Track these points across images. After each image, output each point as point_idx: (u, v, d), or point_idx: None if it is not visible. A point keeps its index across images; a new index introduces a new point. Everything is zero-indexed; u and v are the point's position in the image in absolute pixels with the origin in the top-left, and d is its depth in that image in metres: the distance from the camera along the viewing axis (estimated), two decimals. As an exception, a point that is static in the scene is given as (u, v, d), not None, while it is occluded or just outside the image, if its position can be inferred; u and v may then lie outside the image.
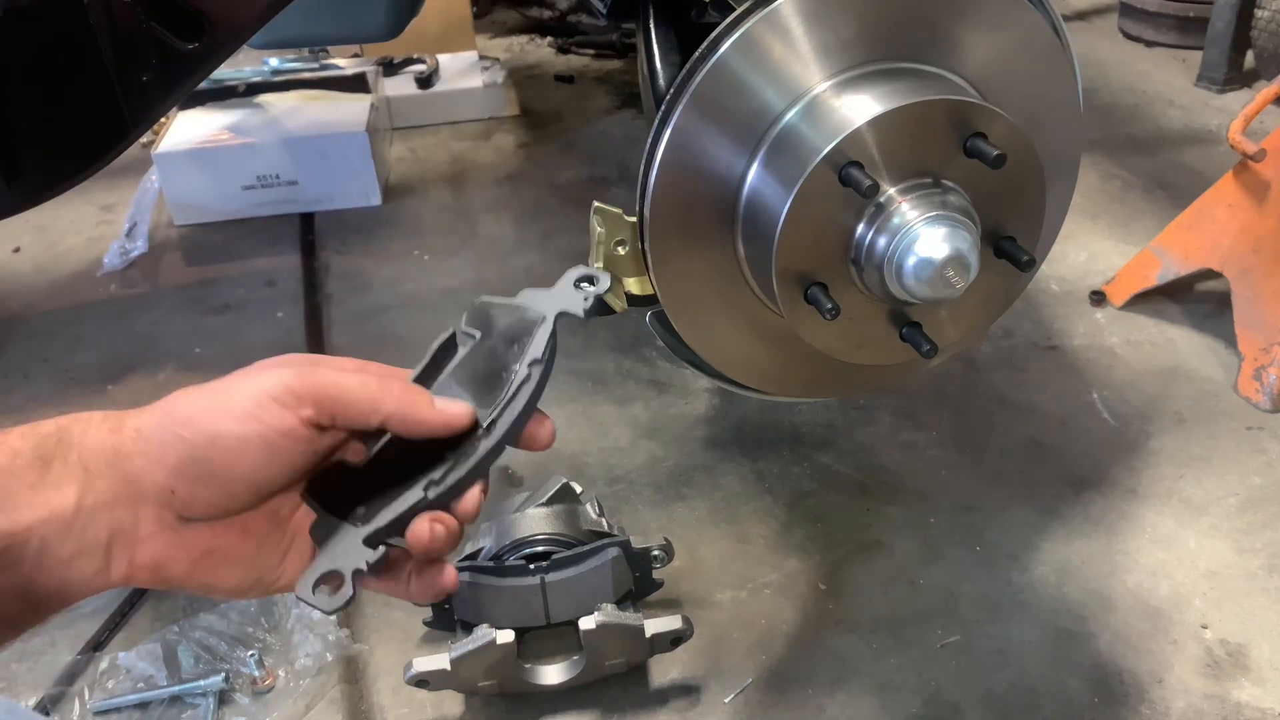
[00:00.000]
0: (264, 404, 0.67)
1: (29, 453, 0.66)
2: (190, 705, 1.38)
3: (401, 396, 0.72)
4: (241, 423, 0.67)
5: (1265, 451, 1.76)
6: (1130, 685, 1.38)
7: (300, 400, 0.68)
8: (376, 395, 0.71)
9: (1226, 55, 3.10)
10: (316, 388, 0.69)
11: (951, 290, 0.94)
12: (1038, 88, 1.08)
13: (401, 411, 0.72)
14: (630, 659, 1.35)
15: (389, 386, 0.72)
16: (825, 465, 1.77)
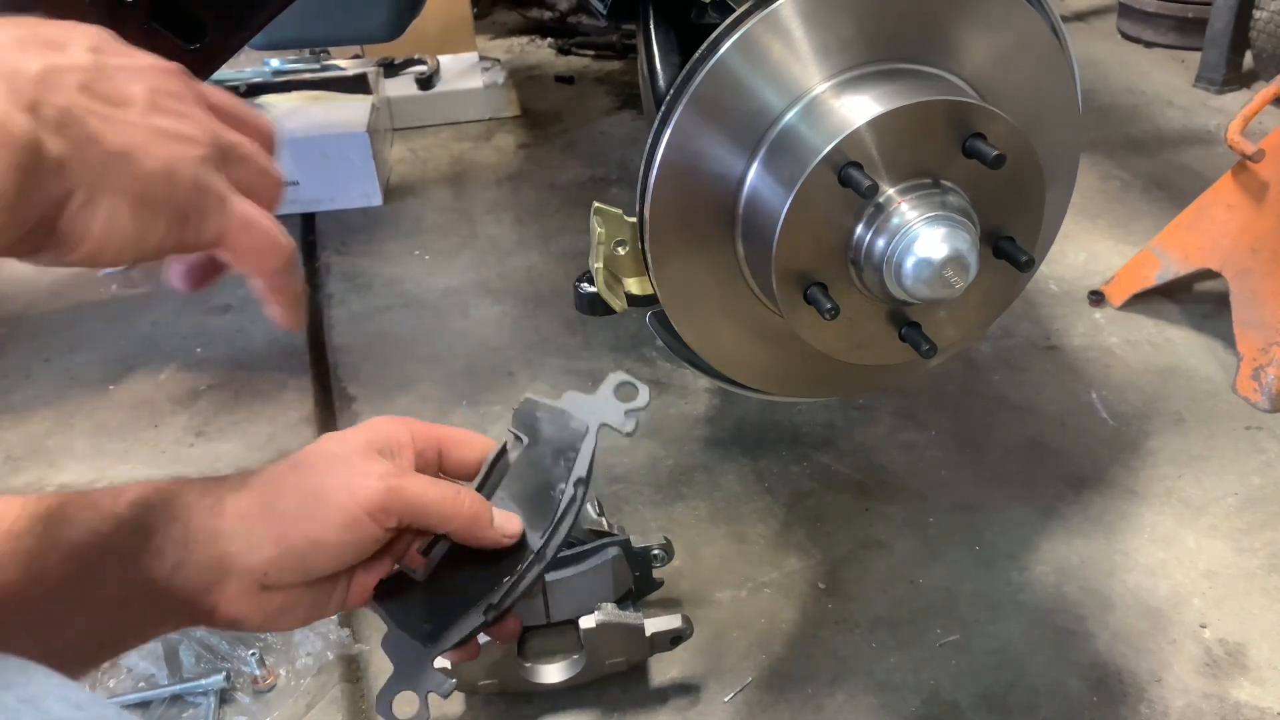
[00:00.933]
0: (360, 519, 0.75)
1: (132, 521, 0.73)
2: (191, 704, 1.38)
3: (469, 514, 0.80)
4: (339, 533, 0.75)
5: (1264, 451, 1.77)
6: (1129, 684, 1.38)
7: (389, 514, 0.77)
8: (450, 512, 0.79)
9: (1225, 56, 3.11)
10: (405, 505, 0.77)
11: (951, 290, 0.94)
12: (1037, 88, 1.08)
13: (467, 527, 0.81)
14: (630, 658, 1.35)
15: (461, 502, 0.80)
16: (825, 465, 1.77)
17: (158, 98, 0.62)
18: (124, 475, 1.77)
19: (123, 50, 0.63)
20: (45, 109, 0.55)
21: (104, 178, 0.57)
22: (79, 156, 0.56)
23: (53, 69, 0.57)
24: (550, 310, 2.21)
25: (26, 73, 0.55)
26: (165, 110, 0.62)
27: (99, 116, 0.58)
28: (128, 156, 0.58)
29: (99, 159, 0.57)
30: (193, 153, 0.62)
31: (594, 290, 1.07)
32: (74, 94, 0.57)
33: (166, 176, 0.60)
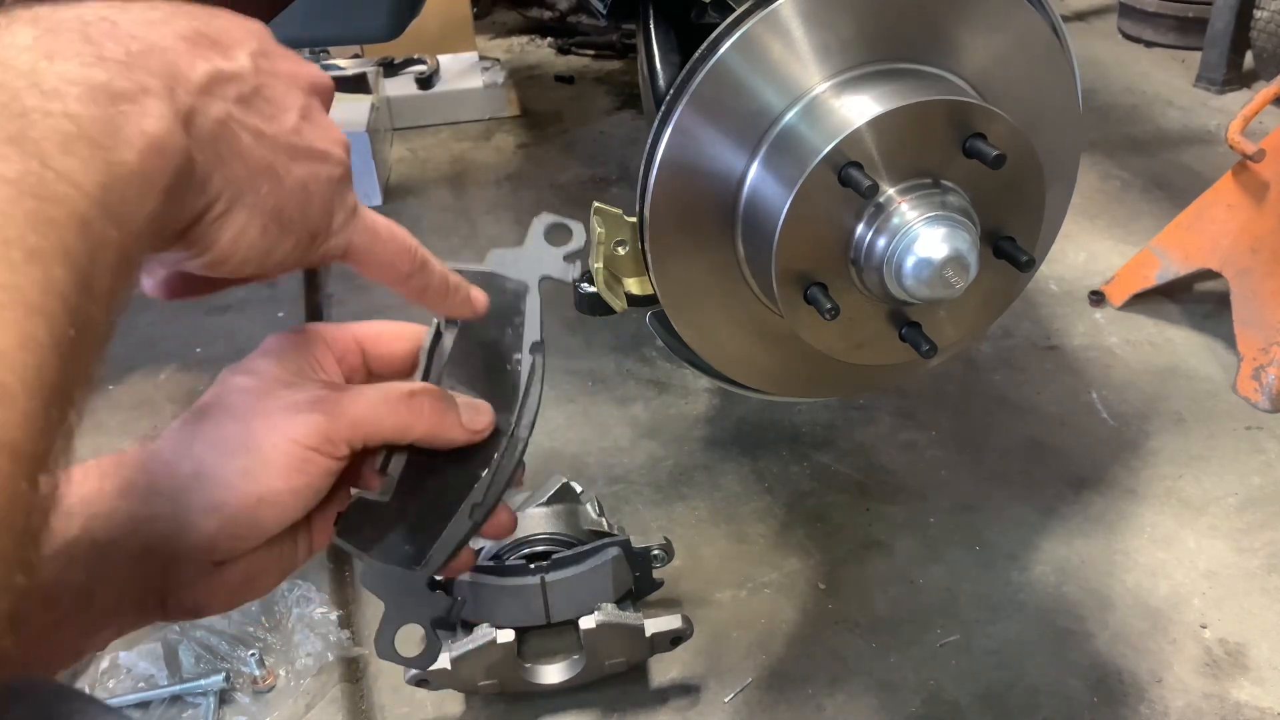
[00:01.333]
0: (304, 457, 0.65)
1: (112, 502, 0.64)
2: (191, 705, 1.38)
3: (431, 416, 0.69)
4: (285, 479, 0.65)
5: (1264, 451, 1.77)
6: (1129, 685, 1.38)
7: (335, 444, 0.66)
8: (407, 421, 0.68)
9: (1225, 56, 3.10)
10: (351, 427, 0.66)
11: (951, 290, 0.94)
12: (1037, 88, 1.08)
13: (432, 433, 0.69)
14: (630, 658, 1.35)
15: (419, 408, 0.69)
16: (825, 465, 1.77)
17: (308, 110, 0.61)
18: (124, 475, 1.76)
19: (282, 55, 0.62)
20: (201, 121, 0.53)
21: (242, 194, 0.56)
22: (224, 173, 0.55)
23: (217, 77, 0.55)
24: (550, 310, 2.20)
25: (191, 79, 0.53)
26: (313, 124, 0.61)
27: (250, 131, 0.56)
28: (270, 174, 0.57)
29: (242, 176, 0.56)
30: (331, 171, 0.61)
31: (594, 290, 1.07)
32: (231, 105, 0.56)
33: (303, 196, 0.59)
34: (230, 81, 0.56)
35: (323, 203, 0.60)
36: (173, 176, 0.51)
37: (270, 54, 0.60)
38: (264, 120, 0.58)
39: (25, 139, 0.44)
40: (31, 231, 0.43)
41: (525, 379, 0.74)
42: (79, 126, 0.46)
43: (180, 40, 0.54)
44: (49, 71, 0.47)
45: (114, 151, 0.48)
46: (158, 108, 0.50)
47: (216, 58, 0.56)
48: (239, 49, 0.58)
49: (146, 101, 0.50)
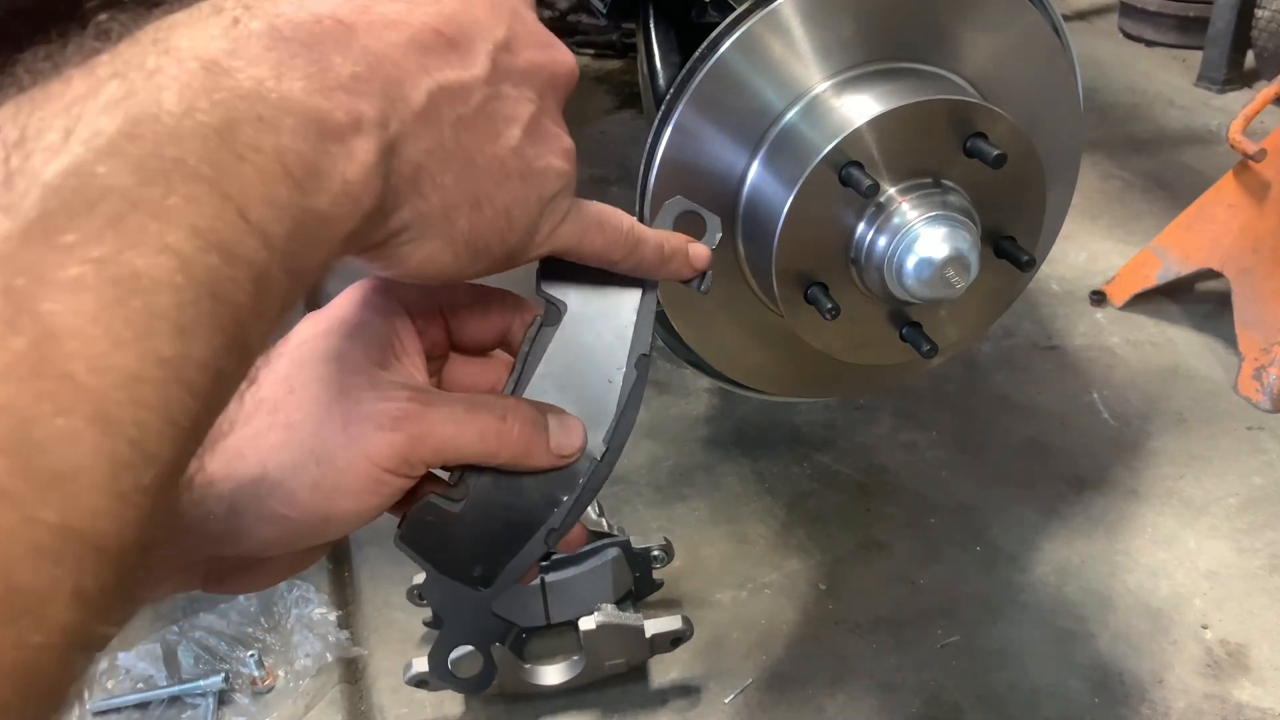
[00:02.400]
0: (380, 479, 0.59)
1: None
2: (190, 705, 1.38)
3: (520, 445, 0.63)
4: (358, 499, 0.59)
5: (1265, 451, 1.76)
6: (1130, 685, 1.38)
7: (414, 465, 0.60)
8: (494, 449, 0.62)
9: (1226, 55, 3.10)
10: (432, 452, 0.60)
11: (951, 290, 0.94)
12: (1038, 87, 1.08)
13: (517, 460, 0.63)
14: (630, 659, 1.34)
15: (507, 432, 0.62)
16: (825, 465, 1.77)
17: (538, 119, 0.56)
18: (123, 475, 1.76)
19: (528, 39, 0.56)
20: (408, 154, 0.48)
21: (435, 225, 0.52)
22: (417, 206, 0.50)
23: (442, 95, 0.50)
24: (550, 310, 2.21)
25: (411, 104, 0.48)
26: (538, 138, 0.56)
27: (461, 160, 0.51)
28: (472, 205, 0.53)
29: (437, 209, 0.51)
30: (544, 191, 0.57)
31: (594, 290, 1.07)
32: (447, 131, 0.50)
33: (505, 222, 0.55)
34: (456, 98, 0.51)
35: (527, 225, 0.57)
36: (361, 221, 0.47)
37: (515, 43, 0.54)
38: (482, 141, 0.53)
39: (228, 178, 0.40)
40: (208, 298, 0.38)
41: (624, 396, 0.67)
42: (284, 167, 0.42)
43: (412, 46, 0.49)
44: (272, 95, 0.43)
45: (310, 197, 0.43)
46: (365, 149, 0.46)
47: (448, 66, 0.51)
48: (481, 44, 0.52)
49: (356, 142, 0.45)
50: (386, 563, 1.60)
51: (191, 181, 0.39)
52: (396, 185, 0.49)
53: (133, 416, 0.35)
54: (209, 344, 0.38)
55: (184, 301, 0.37)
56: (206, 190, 0.39)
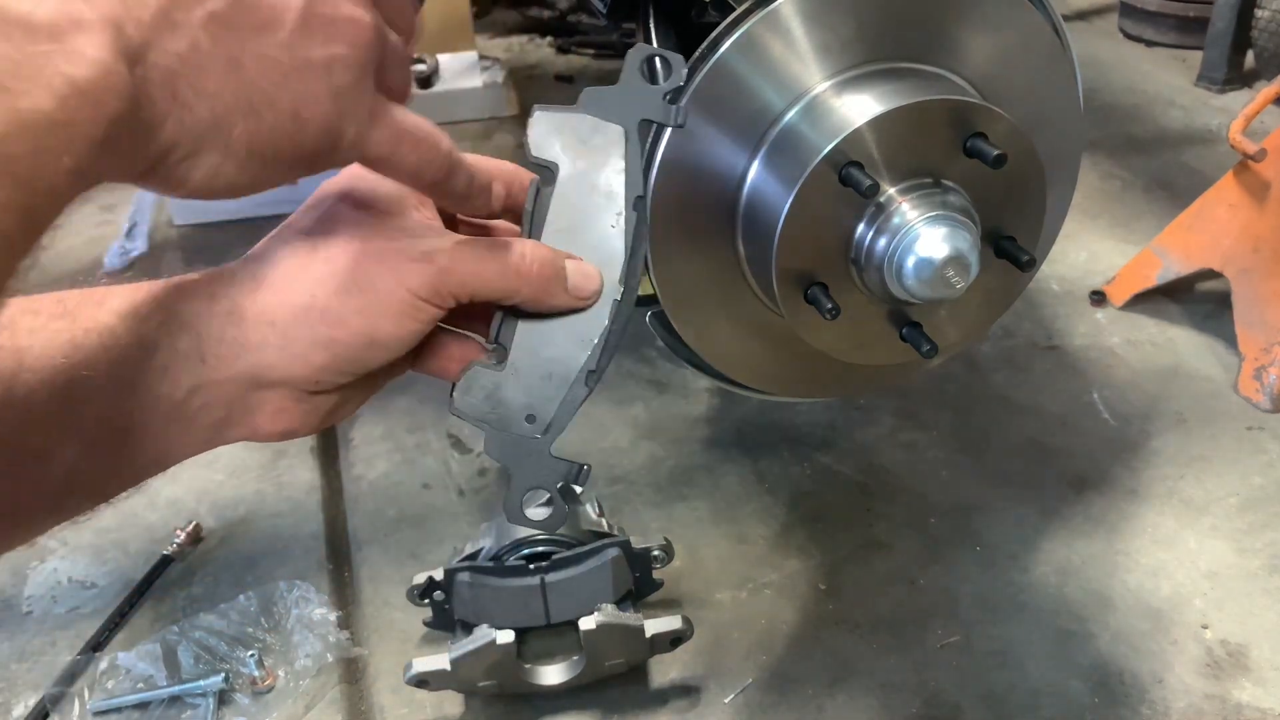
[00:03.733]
0: (417, 305, 0.65)
1: (127, 336, 0.60)
2: (190, 705, 1.38)
3: (539, 284, 0.69)
4: (399, 323, 0.65)
5: (1265, 451, 1.76)
6: (1130, 685, 1.38)
7: (444, 296, 0.66)
8: (515, 285, 0.68)
9: (1226, 55, 3.10)
10: (459, 284, 0.66)
11: (952, 290, 0.94)
12: (1038, 88, 1.08)
13: (538, 299, 0.70)
14: (630, 659, 1.34)
15: (528, 272, 0.68)
16: (825, 465, 1.77)
17: (316, 4, 0.53)
18: (123, 475, 1.76)
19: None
20: (156, 59, 0.46)
21: (209, 136, 0.50)
22: (182, 117, 0.48)
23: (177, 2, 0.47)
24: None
25: (148, 4, 0.46)
26: (317, 23, 0.53)
27: (224, 60, 0.49)
28: (247, 109, 0.50)
29: (206, 118, 0.49)
30: (337, 81, 0.54)
31: (594, 290, 1.07)
32: (199, 31, 0.48)
33: (293, 125, 0.53)
34: (196, 3, 0.48)
35: (323, 123, 0.54)
36: (108, 126, 0.44)
37: None
38: (245, 38, 0.50)
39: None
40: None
41: (629, 237, 0.72)
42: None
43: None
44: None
45: (25, 98, 0.41)
46: (93, 45, 0.44)
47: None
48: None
49: (77, 39, 0.43)
50: (386, 563, 1.60)
51: None
52: (152, 94, 0.47)
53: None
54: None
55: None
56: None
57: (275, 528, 1.68)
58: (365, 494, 1.74)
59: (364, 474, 1.78)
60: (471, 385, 0.71)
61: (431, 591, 1.34)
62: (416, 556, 1.60)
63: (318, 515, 1.70)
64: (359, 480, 1.77)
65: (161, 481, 1.75)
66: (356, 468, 1.80)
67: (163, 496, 1.73)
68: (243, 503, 1.72)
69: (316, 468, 1.80)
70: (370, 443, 1.84)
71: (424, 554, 1.60)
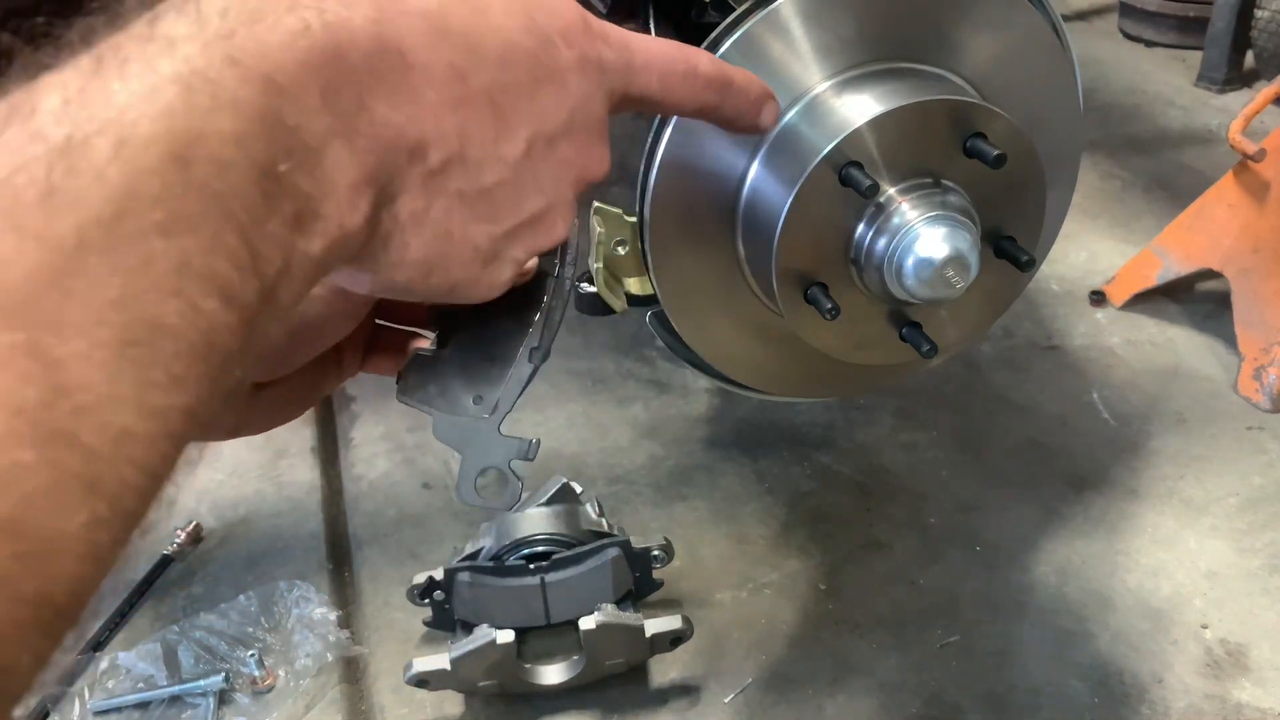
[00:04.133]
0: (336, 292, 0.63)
1: None
2: (190, 705, 1.38)
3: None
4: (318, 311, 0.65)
5: (1265, 451, 1.76)
6: (1130, 685, 1.38)
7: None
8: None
9: (1226, 55, 3.10)
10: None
11: (951, 290, 0.94)
12: (1038, 88, 1.08)
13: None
14: (630, 659, 1.35)
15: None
16: (825, 465, 1.77)
17: (545, 213, 0.54)
18: (123, 475, 1.76)
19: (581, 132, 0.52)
20: (394, 212, 0.46)
21: (374, 269, 0.49)
22: (371, 253, 0.48)
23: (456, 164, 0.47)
24: (550, 310, 2.20)
25: (428, 162, 0.46)
26: (530, 232, 0.54)
27: (435, 233, 0.49)
28: (420, 272, 0.50)
29: (387, 263, 0.49)
30: (498, 278, 0.55)
31: (594, 290, 1.07)
32: (439, 199, 0.48)
33: (442, 288, 0.53)
34: (467, 172, 0.48)
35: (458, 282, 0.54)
36: (339, 261, 0.45)
37: (563, 134, 0.51)
38: (470, 220, 0.50)
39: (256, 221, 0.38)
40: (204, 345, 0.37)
41: None
42: (295, 207, 0.40)
43: (459, 106, 0.46)
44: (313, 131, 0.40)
45: (307, 240, 0.42)
46: (366, 202, 0.44)
47: (479, 139, 0.48)
48: (522, 129, 0.49)
49: (362, 193, 0.44)
50: (387, 563, 1.60)
51: (220, 222, 0.37)
52: (371, 235, 0.47)
53: (118, 475, 0.35)
54: (197, 393, 0.37)
55: (181, 351, 0.36)
56: (232, 233, 0.37)
57: (275, 527, 1.68)
58: (365, 494, 1.74)
59: (364, 474, 1.78)
60: (415, 372, 0.73)
61: (431, 591, 1.34)
62: (416, 556, 1.60)
63: (318, 515, 1.70)
64: (359, 480, 1.77)
65: (162, 481, 1.75)
66: (357, 467, 1.80)
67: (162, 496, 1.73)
68: (243, 502, 1.72)
69: (317, 467, 1.80)
70: (370, 442, 1.85)
71: (424, 553, 1.60)
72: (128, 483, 0.35)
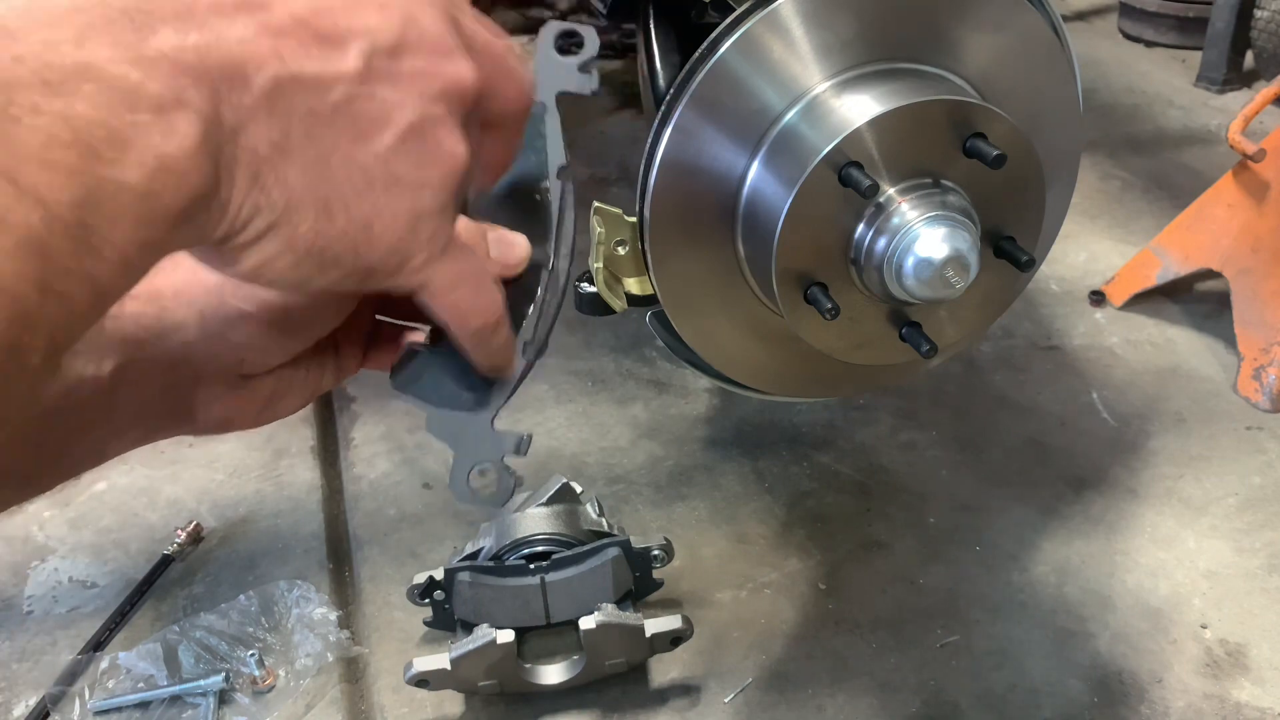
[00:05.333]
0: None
1: None
2: (190, 705, 1.38)
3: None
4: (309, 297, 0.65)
5: (1265, 451, 1.77)
6: (1130, 685, 1.38)
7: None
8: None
9: (1226, 55, 3.10)
10: None
11: (951, 290, 0.94)
12: (1037, 88, 1.08)
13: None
14: (630, 659, 1.35)
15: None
16: (825, 465, 1.77)
17: (421, 127, 0.51)
18: (122, 475, 1.77)
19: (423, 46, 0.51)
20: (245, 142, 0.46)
21: (276, 227, 0.48)
22: (254, 200, 0.47)
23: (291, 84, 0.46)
24: (550, 310, 2.21)
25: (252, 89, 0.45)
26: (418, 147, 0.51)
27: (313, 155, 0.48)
28: (320, 208, 0.49)
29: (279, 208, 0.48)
30: (417, 205, 0.52)
31: (594, 290, 1.07)
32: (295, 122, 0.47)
33: (362, 236, 0.51)
34: (310, 91, 0.47)
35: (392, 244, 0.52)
36: (187, 203, 0.44)
37: (402, 49, 0.50)
38: (340, 140, 0.49)
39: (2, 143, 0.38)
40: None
41: (557, 207, 0.71)
42: (74, 133, 0.40)
43: (265, 30, 0.46)
44: (68, 59, 0.40)
45: (112, 166, 0.41)
46: (186, 125, 0.43)
47: (307, 58, 0.47)
48: (356, 42, 0.49)
49: (176, 116, 0.43)
50: (387, 563, 1.60)
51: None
52: (233, 173, 0.46)
53: None
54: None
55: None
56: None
57: (276, 527, 1.68)
58: (365, 494, 1.74)
59: (364, 474, 1.79)
60: (410, 366, 0.71)
61: (432, 591, 1.35)
62: (417, 556, 1.60)
63: (318, 515, 1.70)
64: (359, 480, 1.77)
65: (162, 481, 1.76)
66: (357, 467, 1.80)
67: (163, 496, 1.73)
68: (243, 502, 1.72)
69: (317, 467, 1.80)
70: (370, 442, 1.85)
71: (424, 553, 1.60)
72: None
